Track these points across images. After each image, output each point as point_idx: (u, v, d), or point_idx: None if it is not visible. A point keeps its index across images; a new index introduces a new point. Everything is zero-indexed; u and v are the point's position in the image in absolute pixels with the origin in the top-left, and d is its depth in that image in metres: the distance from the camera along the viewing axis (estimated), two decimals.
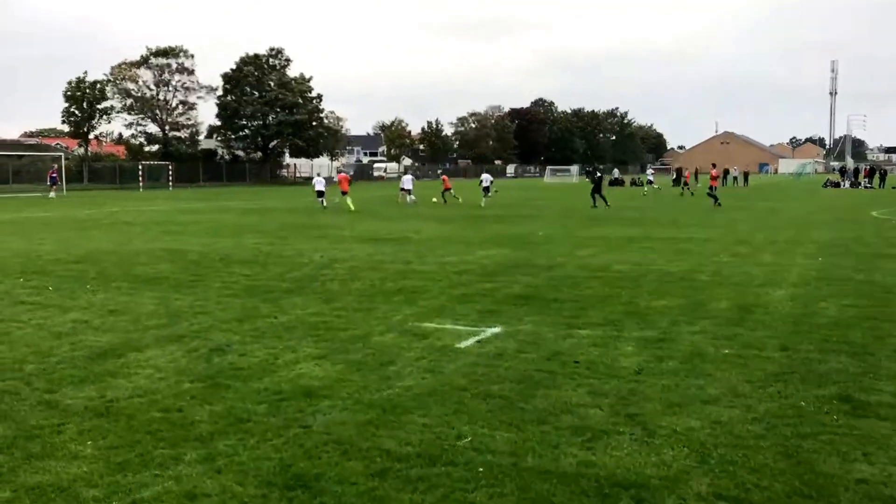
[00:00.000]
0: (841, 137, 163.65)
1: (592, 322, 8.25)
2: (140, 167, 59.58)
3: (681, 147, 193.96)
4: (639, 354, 6.87)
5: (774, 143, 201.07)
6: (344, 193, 30.77)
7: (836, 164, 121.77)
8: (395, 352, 7.06)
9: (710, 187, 32.47)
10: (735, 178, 64.19)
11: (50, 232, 20.60)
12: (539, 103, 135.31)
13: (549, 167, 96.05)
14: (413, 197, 34.53)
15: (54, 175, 45.14)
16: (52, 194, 43.22)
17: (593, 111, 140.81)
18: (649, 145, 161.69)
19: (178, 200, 39.33)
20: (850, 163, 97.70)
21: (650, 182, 50.42)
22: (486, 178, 35.35)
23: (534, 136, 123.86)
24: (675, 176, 60.95)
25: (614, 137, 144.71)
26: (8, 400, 5.69)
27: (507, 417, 5.22)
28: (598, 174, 34.12)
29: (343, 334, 7.81)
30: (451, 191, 35.02)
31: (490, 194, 34.22)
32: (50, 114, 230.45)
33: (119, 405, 5.56)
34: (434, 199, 35.60)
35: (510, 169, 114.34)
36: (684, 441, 4.80)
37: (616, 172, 57.65)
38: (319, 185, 31.77)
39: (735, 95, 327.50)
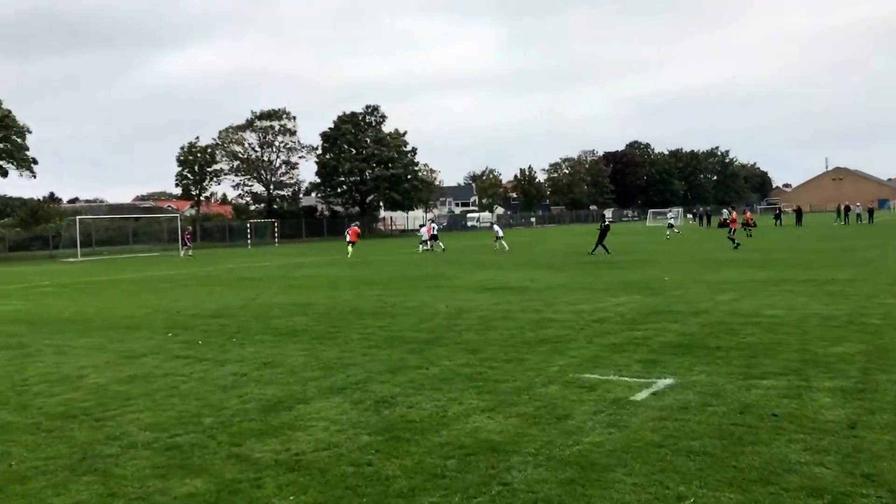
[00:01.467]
0: None
1: (771, 371, 7.67)
2: (248, 225, 62.21)
3: (787, 185, 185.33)
4: (842, 406, 6.28)
5: (892, 177, 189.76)
6: (352, 244, 34.93)
7: None
8: (567, 405, 6.74)
9: (731, 230, 32.83)
10: (858, 215, 60.65)
11: (179, 289, 21.51)
12: (634, 146, 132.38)
13: (650, 210, 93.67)
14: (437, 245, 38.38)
15: (189, 236, 50.27)
16: (184, 253, 47.10)
17: (692, 151, 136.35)
18: (753, 184, 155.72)
19: (285, 256, 40.53)
20: None
21: (671, 226, 48.29)
22: (423, 232, 39.19)
23: (630, 179, 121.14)
24: (790, 214, 58.17)
25: (715, 177, 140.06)
26: (199, 453, 5.72)
27: (723, 477, 4.79)
28: (606, 223, 32.70)
29: (504, 386, 7.56)
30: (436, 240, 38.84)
31: (429, 247, 37.56)
32: (153, 177, 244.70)
33: (307, 459, 5.48)
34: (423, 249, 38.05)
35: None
36: None
37: (725, 213, 55.62)
38: (348, 235, 36.46)
39: (843, 129, 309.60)
